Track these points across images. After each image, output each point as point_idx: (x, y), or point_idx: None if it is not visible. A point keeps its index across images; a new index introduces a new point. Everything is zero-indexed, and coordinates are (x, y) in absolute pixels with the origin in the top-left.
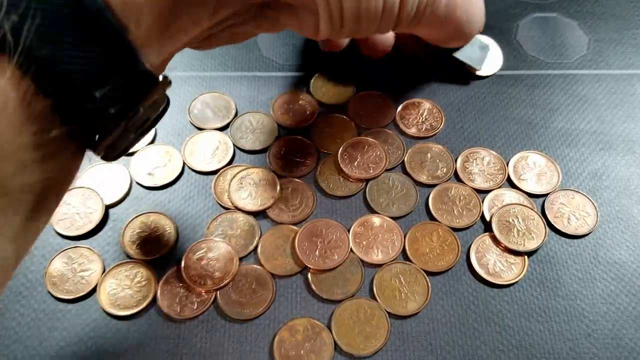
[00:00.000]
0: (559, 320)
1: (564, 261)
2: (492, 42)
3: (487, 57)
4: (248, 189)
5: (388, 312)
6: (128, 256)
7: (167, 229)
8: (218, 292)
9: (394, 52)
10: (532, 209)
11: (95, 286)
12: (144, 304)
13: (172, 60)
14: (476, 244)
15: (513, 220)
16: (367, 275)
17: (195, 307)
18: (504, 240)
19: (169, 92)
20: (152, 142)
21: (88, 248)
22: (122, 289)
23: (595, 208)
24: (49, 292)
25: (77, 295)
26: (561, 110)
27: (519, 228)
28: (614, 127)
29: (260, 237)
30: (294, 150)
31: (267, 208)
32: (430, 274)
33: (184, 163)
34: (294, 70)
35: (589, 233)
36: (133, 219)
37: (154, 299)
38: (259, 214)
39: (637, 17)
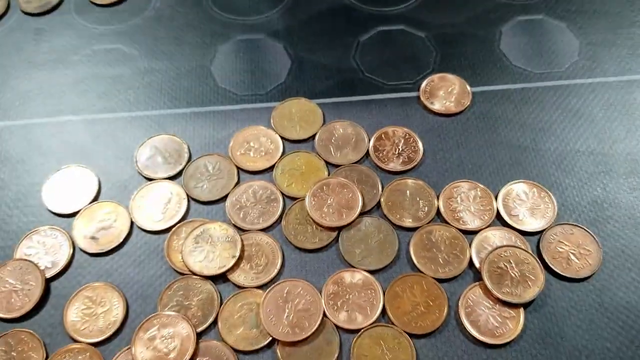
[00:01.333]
0: None
1: (565, 310)
2: None
3: None
4: (204, 249)
5: None
6: (73, 339)
7: (115, 302)
8: None
9: (364, 77)
10: (526, 251)
11: None
12: None
13: (114, 100)
14: (465, 297)
15: (505, 265)
16: (345, 343)
17: None
18: (496, 291)
19: (114, 137)
20: (95, 199)
21: (28, 332)
22: None
23: (598, 244)
24: None
25: None
26: (553, 129)
27: (513, 275)
28: (614, 145)
29: (220, 307)
30: (256, 198)
31: (228, 271)
32: (415, 336)
33: (131, 222)
34: (254, 102)
35: (592, 275)
36: (76, 293)
37: None
38: (219, 278)
39: (632, 12)
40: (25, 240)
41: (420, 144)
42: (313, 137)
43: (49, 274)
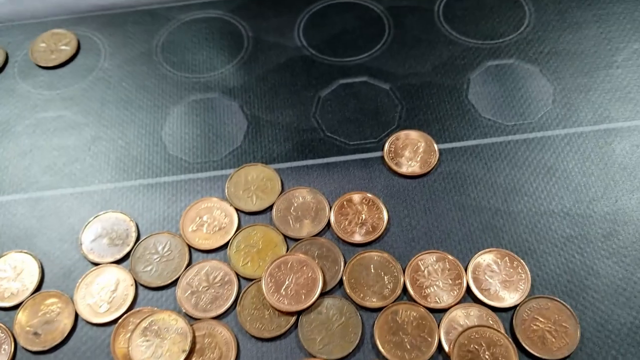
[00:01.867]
0: None
1: None
2: None
3: None
4: (153, 342)
5: None
6: None
7: None
8: None
9: (326, 137)
10: (498, 331)
11: None
12: None
13: (59, 174)
14: None
15: (476, 348)
16: None
17: None
18: None
19: (58, 217)
20: (38, 288)
21: None
22: None
23: (575, 319)
24: None
25: None
26: (526, 188)
27: (485, 358)
28: (591, 204)
29: None
30: (209, 281)
31: None
32: None
33: (76, 314)
34: (208, 170)
35: (570, 354)
36: None
37: None
38: None
39: (609, 51)
40: None
41: (384, 212)
42: (270, 207)
43: None
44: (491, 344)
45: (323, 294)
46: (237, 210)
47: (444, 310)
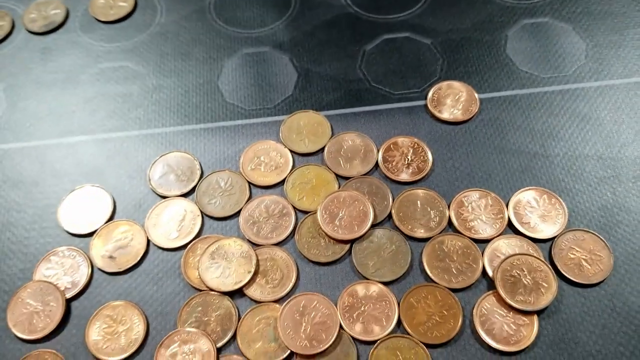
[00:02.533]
0: None
1: (578, 315)
2: None
3: None
4: (220, 265)
5: None
6: (96, 358)
7: (136, 320)
8: None
9: (371, 87)
10: (538, 258)
11: None
12: None
13: (124, 118)
14: (479, 306)
15: (518, 273)
16: (362, 355)
17: None
18: (510, 299)
19: (126, 155)
20: (111, 218)
21: (51, 352)
22: None
23: (609, 249)
24: None
25: None
26: (562, 134)
27: (526, 283)
28: (622, 149)
29: (239, 322)
30: (268, 213)
31: (244, 286)
32: (431, 346)
33: (147, 240)
34: (262, 116)
35: (604, 280)
36: (97, 312)
37: None
38: (236, 293)
39: (638, 12)
40: (44, 261)
41: (429, 154)
42: (322, 149)
43: (69, 294)
44: (532, 270)
45: (373, 226)
46: (291, 151)
47: (487, 241)
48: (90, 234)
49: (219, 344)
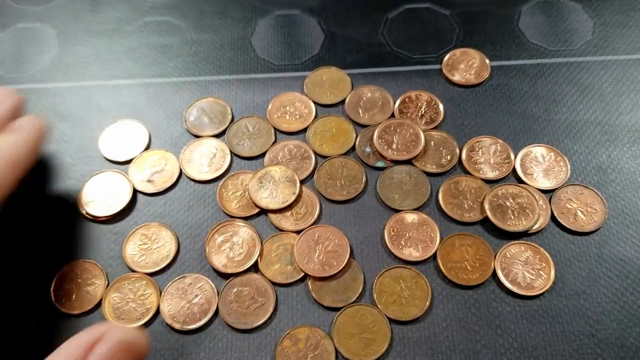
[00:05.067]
0: (562, 321)
1: (567, 259)
2: None
3: None
4: (268, 187)
5: (389, 318)
6: (131, 270)
7: (168, 240)
8: (220, 302)
9: (391, 50)
10: (518, 186)
11: (100, 300)
12: (148, 317)
13: (165, 66)
14: (499, 259)
15: (504, 202)
16: (369, 281)
17: (197, 318)
18: (502, 225)
19: (165, 98)
20: (146, 150)
21: (92, 262)
22: (125, 302)
23: (605, 205)
24: (56, 307)
25: (83, 310)
26: (565, 101)
27: (513, 208)
28: (620, 117)
29: (262, 245)
30: (291, 155)
31: (290, 205)
32: (453, 284)
33: (180, 171)
34: (290, 71)
35: (595, 230)
36: (134, 231)
37: (157, 312)
38: (260, 221)
39: None
40: (88, 184)
41: (441, 107)
42: (342, 102)
43: (110, 212)
44: (515, 196)
45: (394, 162)
46: (314, 102)
47: (495, 182)
48: (127, 162)
49: (242, 267)
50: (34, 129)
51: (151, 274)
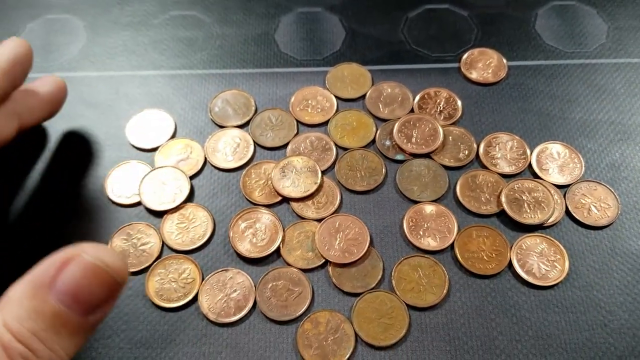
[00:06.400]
0: (576, 310)
1: (581, 252)
2: None
3: None
4: (290, 177)
5: (407, 304)
6: (171, 249)
7: (204, 220)
8: (258, 296)
9: (411, 48)
10: (534, 180)
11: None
12: (186, 300)
13: (190, 58)
14: (515, 250)
15: (520, 196)
16: (387, 268)
17: (232, 313)
18: (519, 218)
19: (191, 89)
20: (173, 137)
21: (146, 224)
22: (169, 281)
23: (618, 200)
24: None
25: (140, 268)
26: (579, 101)
27: (529, 202)
28: (632, 117)
29: (284, 232)
30: (312, 147)
31: (312, 195)
32: (470, 273)
33: (205, 159)
34: (312, 66)
35: (609, 225)
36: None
37: (195, 298)
38: (282, 209)
39: None
40: (114, 171)
41: (459, 103)
42: (363, 97)
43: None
44: (531, 191)
45: (413, 156)
46: (335, 96)
47: (511, 176)
48: (153, 150)
49: (266, 252)
50: (10, 45)
51: (185, 252)
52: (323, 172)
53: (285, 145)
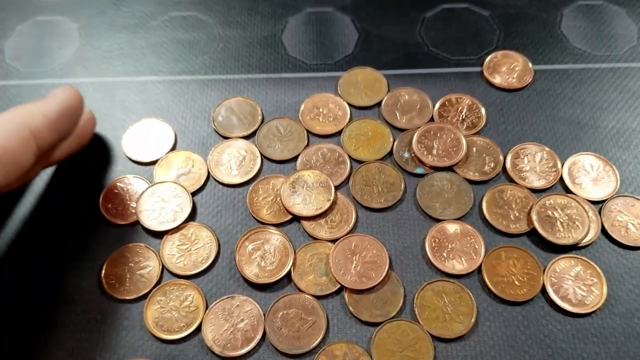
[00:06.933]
0: (616, 341)
1: (620, 275)
2: None
3: None
4: (301, 193)
5: (432, 335)
6: (172, 273)
7: (208, 241)
8: (267, 327)
9: (429, 51)
10: (567, 196)
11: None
12: (188, 331)
13: (191, 63)
14: (548, 273)
15: (552, 213)
16: (409, 294)
17: (239, 345)
18: (551, 238)
19: (192, 97)
20: (172, 150)
21: (144, 246)
22: (169, 309)
23: None
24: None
25: (138, 295)
26: (611, 109)
27: (562, 220)
28: None
29: (295, 254)
30: (325, 159)
31: (325, 213)
32: (499, 299)
33: (208, 173)
34: (322, 70)
35: None
36: (173, 229)
37: (199, 329)
38: (292, 229)
39: None
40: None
41: (483, 111)
42: (378, 104)
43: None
44: (564, 208)
45: (434, 169)
46: (348, 104)
47: (541, 191)
48: (152, 163)
49: (276, 277)
50: (62, 96)
51: (187, 277)
52: (336, 188)
53: (295, 158)
